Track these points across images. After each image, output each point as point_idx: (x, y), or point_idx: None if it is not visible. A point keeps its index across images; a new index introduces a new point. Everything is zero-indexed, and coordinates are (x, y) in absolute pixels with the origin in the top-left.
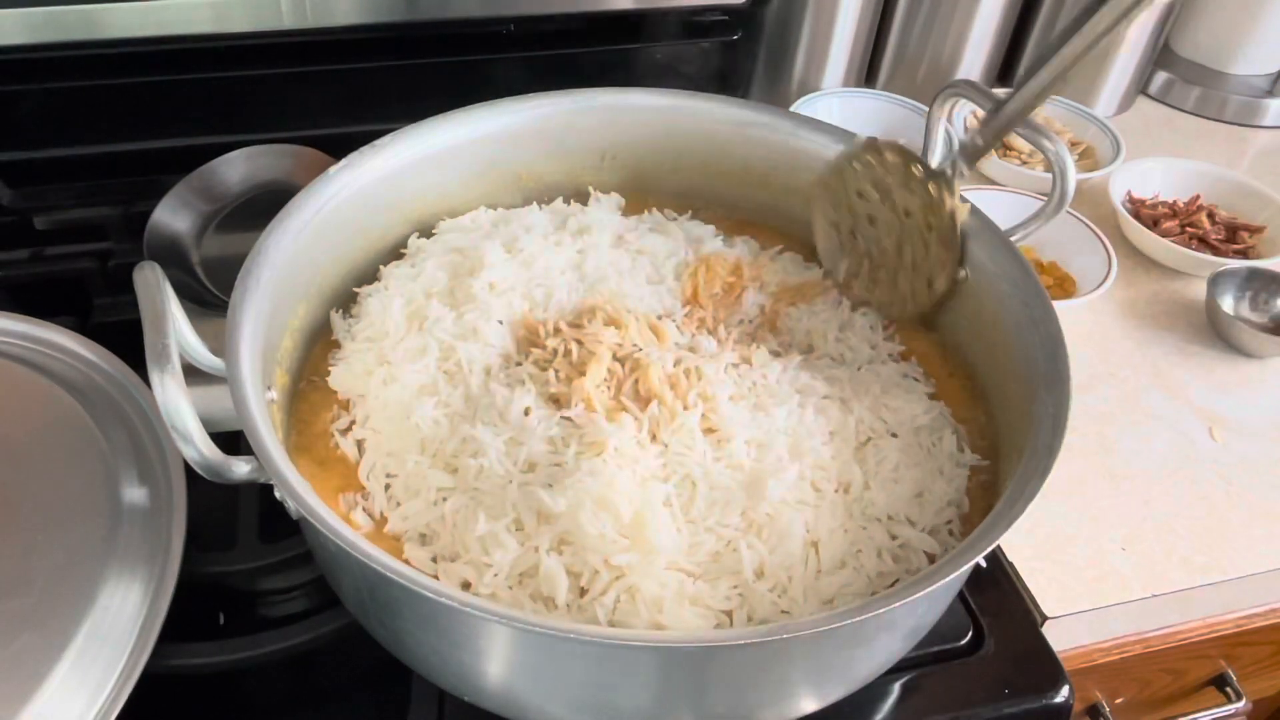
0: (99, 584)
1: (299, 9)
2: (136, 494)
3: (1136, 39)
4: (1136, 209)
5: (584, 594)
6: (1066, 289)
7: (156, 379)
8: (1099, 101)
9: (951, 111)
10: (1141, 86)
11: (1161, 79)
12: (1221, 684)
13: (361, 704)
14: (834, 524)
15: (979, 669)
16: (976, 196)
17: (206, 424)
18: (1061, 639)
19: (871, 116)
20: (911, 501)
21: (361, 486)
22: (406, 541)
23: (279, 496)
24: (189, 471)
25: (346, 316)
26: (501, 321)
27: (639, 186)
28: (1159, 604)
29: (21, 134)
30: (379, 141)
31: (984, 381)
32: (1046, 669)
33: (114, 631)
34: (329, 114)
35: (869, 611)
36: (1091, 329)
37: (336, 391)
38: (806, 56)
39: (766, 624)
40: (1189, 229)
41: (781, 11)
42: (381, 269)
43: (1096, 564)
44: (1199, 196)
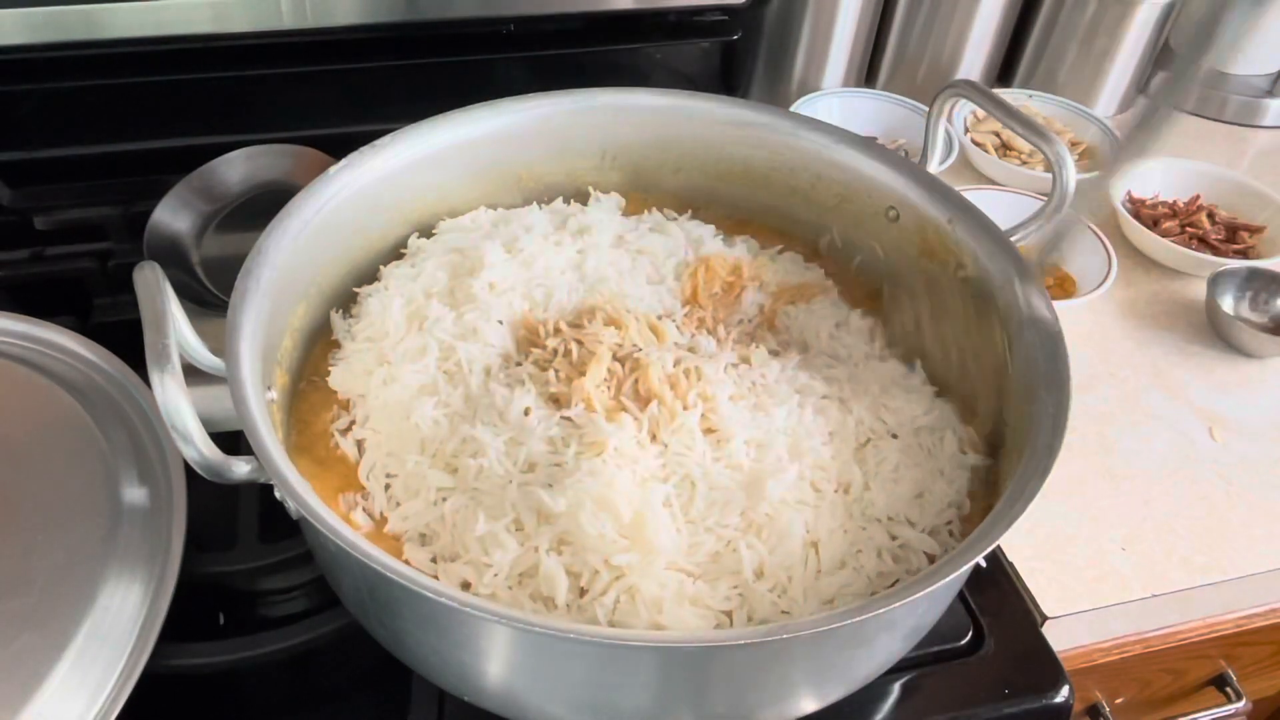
0: (99, 584)
1: (299, 9)
2: (136, 494)
3: (1136, 39)
4: (1136, 209)
5: (584, 594)
6: (1066, 289)
7: (156, 379)
8: (1099, 101)
9: (951, 111)
10: (1141, 86)
11: (1162, 79)
12: (1221, 684)
13: (361, 704)
14: (833, 524)
15: (979, 669)
16: (976, 196)
17: (206, 424)
18: (1061, 639)
19: (871, 116)
20: (912, 502)
21: (361, 486)
22: (406, 542)
23: (279, 496)
24: (189, 471)
25: (346, 316)
26: (501, 321)
27: (639, 186)
28: (1159, 604)
29: (21, 134)
30: (379, 141)
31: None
32: (1046, 669)
33: (114, 631)
34: (329, 114)
35: (869, 611)
36: (1091, 329)
37: (336, 391)
38: (806, 56)
39: (766, 624)
40: (1189, 229)
41: (781, 11)
42: (381, 269)
43: (1096, 564)
44: (1199, 196)
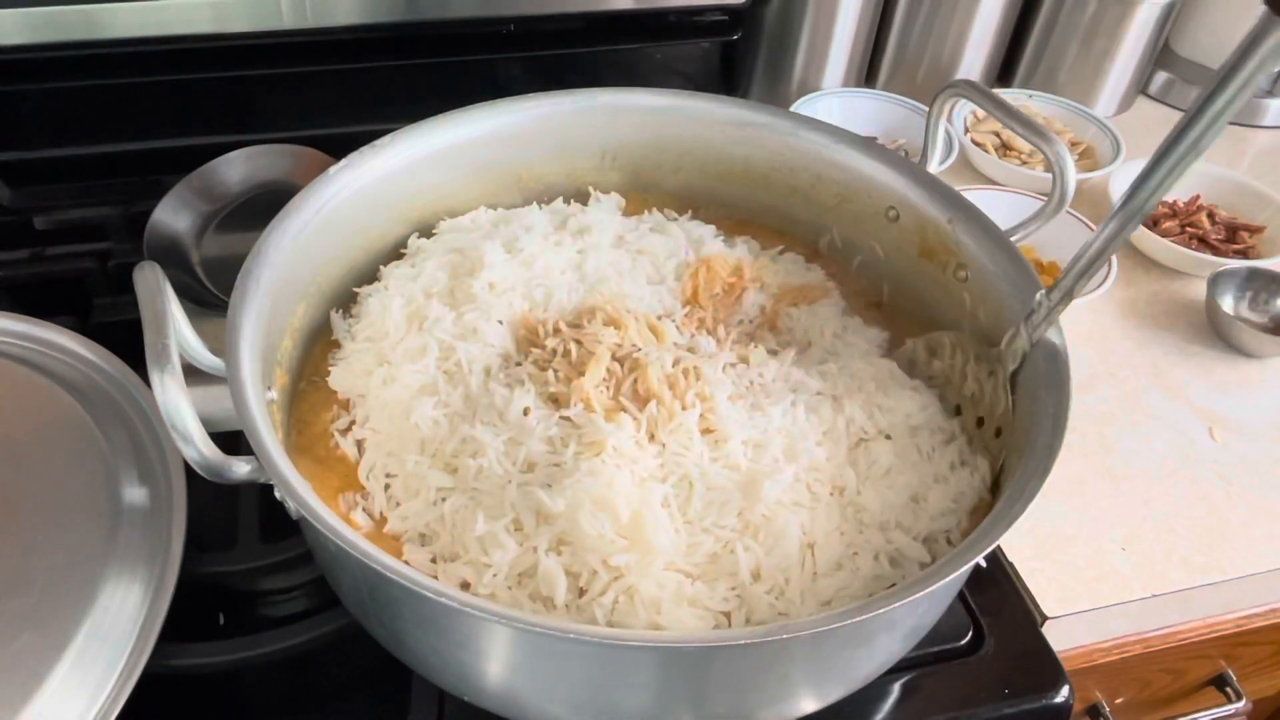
0: (99, 584)
1: (299, 9)
2: (136, 494)
3: (1136, 39)
4: None
5: (582, 594)
6: None
7: (156, 379)
8: (1099, 101)
9: (951, 111)
10: (1141, 86)
11: (1161, 79)
12: (1221, 684)
13: (361, 704)
14: (829, 526)
15: (979, 669)
16: (977, 196)
17: (206, 424)
18: (1061, 639)
19: (871, 116)
20: (906, 507)
21: (361, 486)
22: (406, 543)
23: (279, 496)
24: (189, 471)
25: (346, 316)
26: (501, 321)
27: (639, 186)
28: (1159, 604)
29: (21, 134)
30: (379, 141)
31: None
32: (1046, 669)
33: (114, 631)
34: (329, 114)
35: (869, 611)
36: (1091, 329)
37: (336, 391)
38: (806, 56)
39: (766, 624)
40: (1189, 229)
41: (781, 11)
42: (381, 269)
43: (1096, 564)
44: (1199, 196)
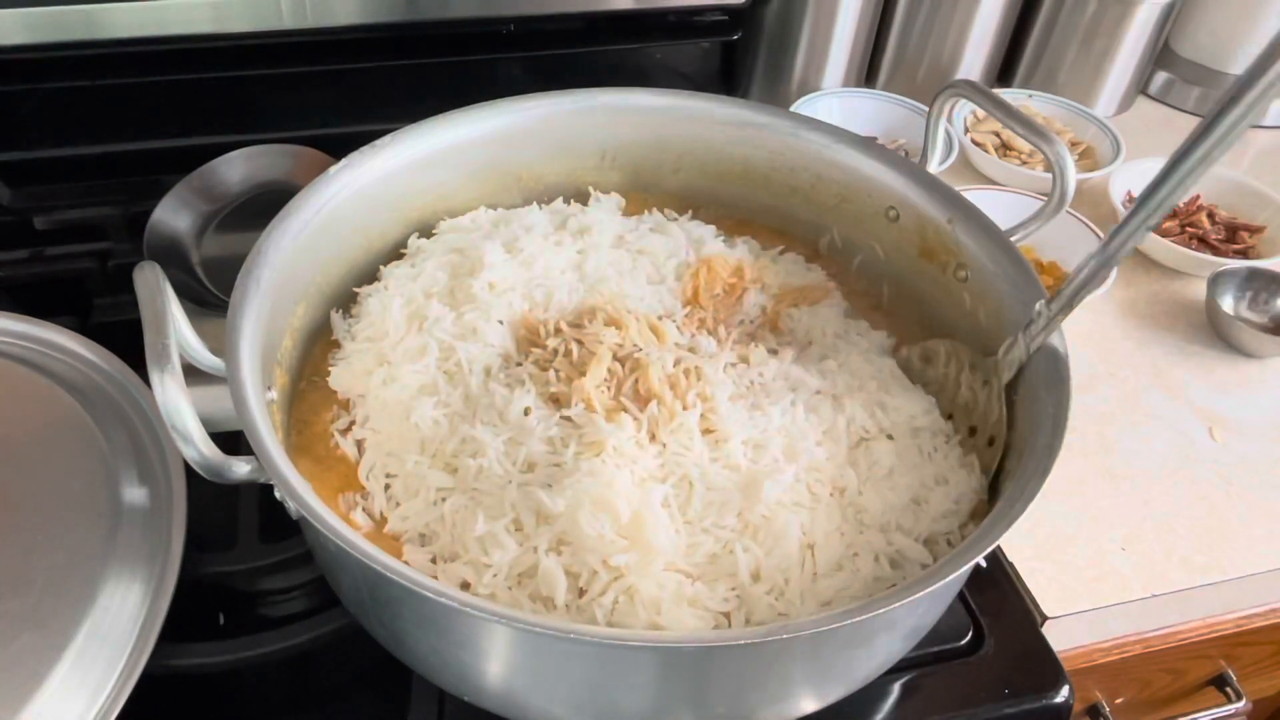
0: (99, 584)
1: (299, 9)
2: (136, 494)
3: (1136, 39)
4: None
5: (582, 594)
6: None
7: (156, 379)
8: (1099, 101)
9: (951, 111)
10: (1141, 86)
11: (1161, 79)
12: (1221, 684)
13: (361, 704)
14: (829, 527)
15: (979, 669)
16: (977, 196)
17: (206, 424)
18: (1061, 639)
19: (871, 116)
20: (907, 509)
21: (361, 486)
22: (406, 543)
23: (279, 496)
24: (189, 471)
25: (346, 316)
26: (501, 321)
27: (639, 186)
28: (1159, 604)
29: (21, 134)
30: (379, 141)
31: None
32: (1046, 669)
33: (114, 631)
34: (329, 114)
35: (869, 611)
36: (1091, 329)
37: (336, 391)
38: (806, 56)
39: (766, 625)
40: (1189, 229)
41: (781, 11)
42: (381, 269)
43: (1096, 564)
44: (1199, 196)
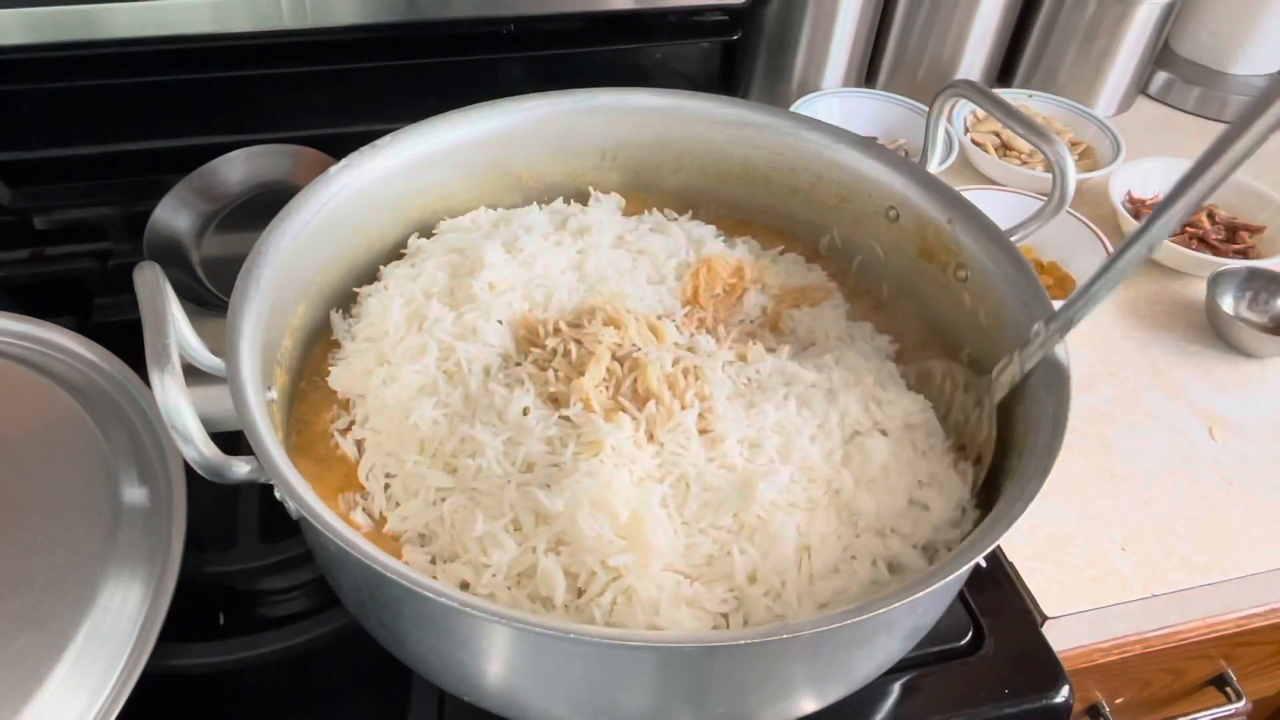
0: (99, 584)
1: (299, 9)
2: (136, 494)
3: (1136, 39)
4: (1136, 209)
5: (581, 595)
6: (1066, 289)
7: (156, 379)
8: (1099, 101)
9: (951, 111)
10: (1141, 86)
11: (1161, 79)
12: (1221, 684)
13: (361, 704)
14: (826, 530)
15: (979, 669)
16: (977, 196)
17: (206, 424)
18: (1061, 639)
19: (871, 116)
20: (904, 513)
21: (361, 486)
22: (405, 543)
23: (279, 496)
24: (189, 471)
25: (346, 316)
26: (501, 321)
27: (639, 186)
28: (1159, 604)
29: (21, 134)
30: (379, 141)
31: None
32: (1046, 669)
33: (114, 631)
34: (329, 114)
35: (869, 611)
36: (1091, 329)
37: (336, 391)
38: (806, 56)
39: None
40: (1189, 229)
41: (781, 11)
42: (381, 269)
43: (1096, 564)
44: None
